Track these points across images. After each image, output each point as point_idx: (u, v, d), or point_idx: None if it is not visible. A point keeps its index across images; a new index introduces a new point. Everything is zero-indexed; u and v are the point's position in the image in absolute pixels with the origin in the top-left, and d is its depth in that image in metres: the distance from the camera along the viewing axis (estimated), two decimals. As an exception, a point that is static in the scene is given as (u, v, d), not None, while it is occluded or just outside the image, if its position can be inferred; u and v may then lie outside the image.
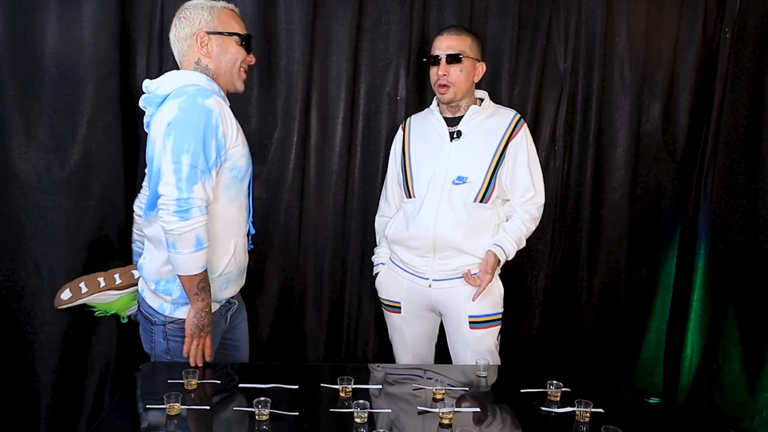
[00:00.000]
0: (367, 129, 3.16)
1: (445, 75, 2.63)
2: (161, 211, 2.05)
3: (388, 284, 2.86)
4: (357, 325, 3.32)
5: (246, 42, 2.30)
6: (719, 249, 3.32)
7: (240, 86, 2.34)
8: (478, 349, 2.71)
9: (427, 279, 2.74)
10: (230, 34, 2.27)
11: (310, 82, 3.06)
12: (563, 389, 2.11)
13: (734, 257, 3.24)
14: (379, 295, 2.92)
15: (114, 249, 2.82)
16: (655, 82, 3.36)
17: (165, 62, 2.81)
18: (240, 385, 2.16)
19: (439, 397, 2.08)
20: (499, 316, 2.77)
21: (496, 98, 3.18)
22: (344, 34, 3.04)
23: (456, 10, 3.11)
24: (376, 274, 2.92)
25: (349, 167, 3.17)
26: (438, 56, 2.65)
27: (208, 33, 2.24)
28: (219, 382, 2.18)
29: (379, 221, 2.97)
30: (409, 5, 3.06)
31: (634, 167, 3.36)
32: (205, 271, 2.15)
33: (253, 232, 2.46)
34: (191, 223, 2.04)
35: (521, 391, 2.19)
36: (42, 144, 2.73)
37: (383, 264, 2.90)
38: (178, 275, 2.14)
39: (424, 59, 2.71)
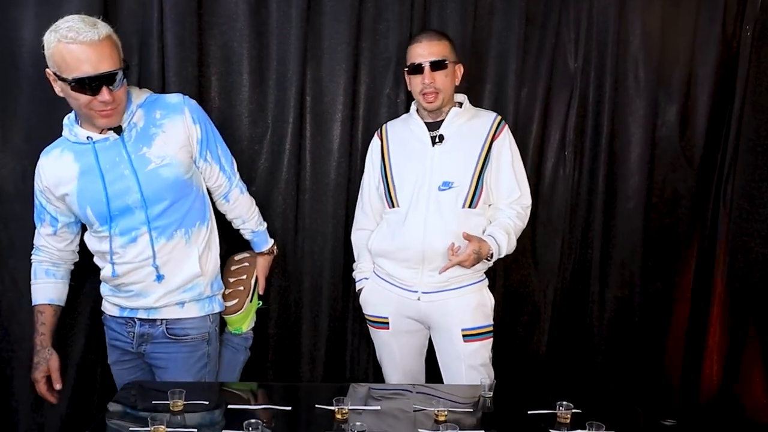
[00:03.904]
0: (366, 132, 3.16)
1: (431, 83, 2.68)
2: None
3: (374, 300, 2.90)
4: (359, 342, 3.34)
5: (83, 85, 2.10)
6: (740, 261, 3.34)
7: (101, 124, 2.24)
8: (472, 363, 2.75)
9: (416, 292, 2.78)
10: (62, 79, 2.11)
11: (304, 83, 3.07)
12: (573, 411, 2.13)
13: (756, 270, 3.26)
14: (365, 311, 2.95)
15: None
16: (671, 84, 3.36)
17: (149, 63, 2.85)
18: (229, 407, 2.18)
19: (441, 418, 2.10)
20: (491, 328, 2.83)
21: (501, 100, 3.22)
22: (341, 32, 3.05)
23: (459, 6, 3.12)
24: (359, 290, 2.95)
25: (349, 173, 3.18)
26: (421, 64, 2.69)
27: (52, 71, 2.14)
28: (207, 402, 2.20)
29: (357, 235, 3.02)
30: (409, 2, 3.08)
31: (649, 174, 3.37)
32: (35, 307, 2.51)
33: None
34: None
35: (529, 412, 2.21)
36: (18, 149, 2.75)
37: (366, 279, 2.93)
38: None
39: (405, 68, 2.77)
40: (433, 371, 2.96)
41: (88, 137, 2.29)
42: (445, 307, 2.76)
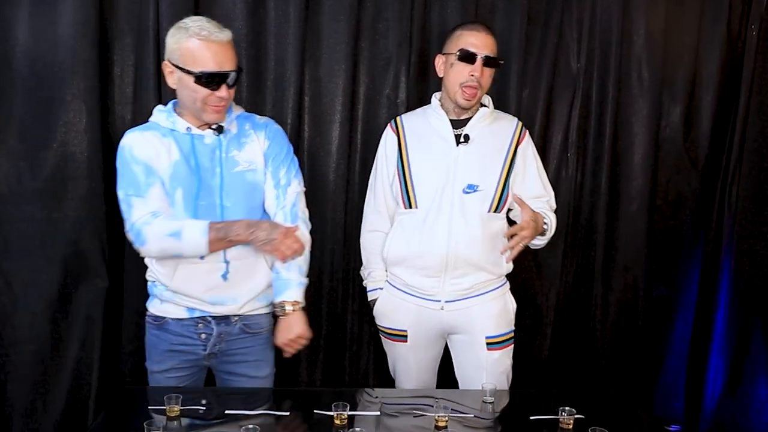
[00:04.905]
0: (366, 134, 3.18)
1: (480, 77, 2.59)
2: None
3: (391, 312, 2.79)
4: (359, 346, 3.33)
5: (206, 80, 2.25)
6: (745, 264, 3.34)
7: (209, 119, 2.36)
8: (494, 372, 2.69)
9: (439, 301, 2.69)
10: (187, 71, 2.26)
11: (302, 83, 3.08)
12: (576, 416, 2.14)
13: (761, 273, 3.25)
14: (380, 323, 2.85)
15: (92, 264, 2.84)
16: (675, 84, 3.37)
17: (145, 63, 2.85)
18: (226, 412, 2.18)
19: (441, 424, 2.10)
20: (513, 335, 2.78)
21: (503, 101, 3.21)
22: (340, 31, 3.06)
23: (460, 5, 3.13)
24: (373, 301, 2.86)
25: (348, 174, 3.19)
26: (475, 54, 2.58)
27: (172, 64, 2.30)
28: (204, 408, 2.20)
29: (369, 237, 2.88)
30: (409, 1, 3.08)
31: (653, 176, 3.38)
32: (207, 239, 2.29)
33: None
34: (148, 239, 2.31)
35: (531, 418, 2.21)
36: (13, 150, 2.75)
37: (381, 289, 2.83)
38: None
39: (457, 52, 2.60)
40: (439, 376, 2.95)
41: (187, 128, 2.38)
42: (469, 314, 2.70)
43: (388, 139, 2.83)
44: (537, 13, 3.23)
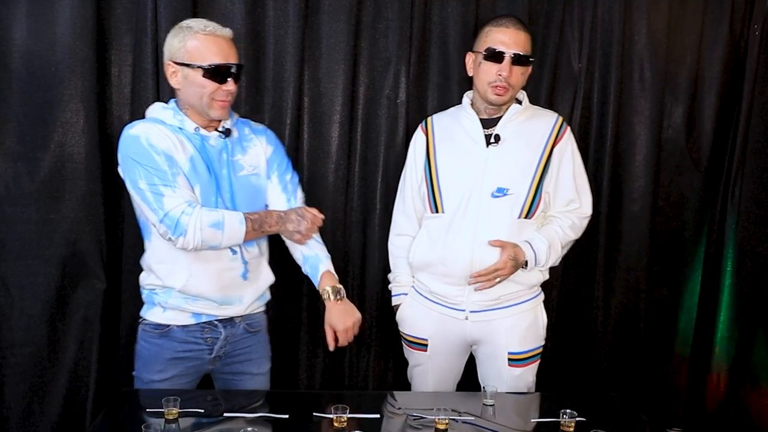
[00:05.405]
0: (365, 134, 3.17)
1: (508, 77, 2.49)
2: (170, 240, 2.29)
3: (413, 318, 2.74)
4: (358, 349, 3.33)
5: (214, 73, 2.28)
6: (748, 266, 3.34)
7: (215, 114, 2.36)
8: (514, 387, 2.62)
9: (463, 311, 2.62)
10: (195, 66, 2.29)
11: (301, 83, 3.07)
12: (578, 419, 2.13)
13: (764, 274, 3.25)
14: (402, 330, 2.80)
15: (90, 265, 2.84)
16: (677, 84, 3.38)
17: (143, 62, 2.84)
18: (225, 415, 2.18)
19: (441, 427, 2.10)
20: (541, 350, 2.70)
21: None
22: (340, 31, 3.05)
23: (460, 5, 3.13)
24: (396, 306, 2.80)
25: (348, 175, 3.18)
26: (503, 53, 2.49)
27: (176, 63, 2.32)
28: (203, 411, 2.20)
29: (398, 241, 2.83)
30: (410, 1, 3.08)
31: (655, 177, 3.38)
32: (247, 226, 2.34)
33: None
34: (191, 230, 2.25)
35: (532, 420, 2.21)
36: (10, 151, 2.74)
37: (405, 294, 2.78)
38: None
39: (484, 51, 2.55)
40: (462, 381, 2.92)
41: (195, 128, 2.40)
42: (494, 327, 2.62)
43: (417, 141, 2.78)
44: (538, 13, 3.23)
